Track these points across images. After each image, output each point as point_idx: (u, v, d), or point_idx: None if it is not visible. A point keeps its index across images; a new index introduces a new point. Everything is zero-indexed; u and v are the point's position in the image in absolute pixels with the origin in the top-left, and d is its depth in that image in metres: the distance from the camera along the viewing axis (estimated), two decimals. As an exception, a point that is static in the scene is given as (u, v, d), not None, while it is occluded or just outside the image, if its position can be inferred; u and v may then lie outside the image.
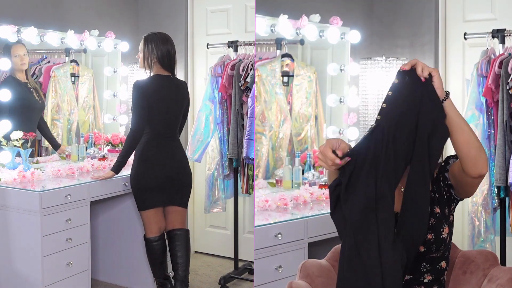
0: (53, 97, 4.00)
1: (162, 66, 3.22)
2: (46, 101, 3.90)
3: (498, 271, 2.03)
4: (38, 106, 3.78)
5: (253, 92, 3.38)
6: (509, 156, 3.14)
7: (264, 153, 3.34)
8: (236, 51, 4.02)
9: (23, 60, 3.65)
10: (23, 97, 3.63)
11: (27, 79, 3.71)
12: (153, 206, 3.26)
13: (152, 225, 3.29)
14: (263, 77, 3.33)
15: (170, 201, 3.29)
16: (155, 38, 3.22)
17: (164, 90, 3.22)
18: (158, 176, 3.21)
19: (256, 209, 2.89)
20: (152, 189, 3.22)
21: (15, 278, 3.06)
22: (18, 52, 3.63)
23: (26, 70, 3.70)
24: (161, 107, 3.21)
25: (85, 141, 4.05)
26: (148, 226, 3.30)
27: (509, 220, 3.25)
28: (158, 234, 3.31)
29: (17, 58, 3.62)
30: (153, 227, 3.30)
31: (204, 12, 4.61)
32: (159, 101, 3.20)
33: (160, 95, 3.20)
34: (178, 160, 3.29)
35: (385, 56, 3.74)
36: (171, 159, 3.25)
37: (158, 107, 3.20)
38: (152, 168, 3.21)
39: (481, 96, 3.26)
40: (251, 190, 3.72)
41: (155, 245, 3.32)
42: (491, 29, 3.38)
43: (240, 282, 4.02)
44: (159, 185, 3.22)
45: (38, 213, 2.96)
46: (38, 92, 3.78)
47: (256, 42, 3.39)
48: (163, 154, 3.23)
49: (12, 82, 3.60)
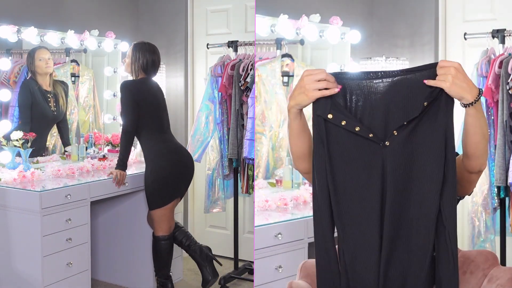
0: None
1: (145, 73, 3.45)
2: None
3: (498, 271, 2.03)
4: (51, 115, 3.81)
5: (253, 92, 3.38)
6: (509, 156, 3.14)
7: (264, 153, 3.34)
8: (236, 51, 4.02)
9: (48, 63, 3.69)
10: (36, 102, 3.66)
11: (49, 84, 3.74)
12: (172, 199, 3.41)
13: (164, 223, 3.41)
14: (263, 77, 3.33)
15: (183, 192, 3.52)
16: (143, 48, 3.45)
17: (152, 90, 3.47)
18: (174, 169, 3.40)
19: (256, 209, 2.89)
20: (172, 182, 3.39)
21: (15, 278, 3.06)
22: (43, 56, 3.67)
23: (51, 74, 3.77)
24: (154, 104, 3.42)
25: (85, 141, 4.05)
26: (160, 225, 3.41)
27: (509, 220, 3.25)
28: (168, 233, 3.44)
29: (42, 62, 3.64)
30: (164, 226, 3.42)
31: (204, 12, 4.61)
32: (152, 99, 3.43)
33: (150, 93, 3.42)
34: (186, 150, 3.55)
35: (385, 56, 3.74)
36: (180, 150, 3.48)
37: (152, 104, 3.40)
38: (168, 161, 3.40)
39: (481, 96, 3.25)
40: (251, 190, 3.72)
41: (163, 244, 3.42)
42: (491, 29, 3.39)
43: (240, 282, 4.02)
44: (177, 177, 3.42)
45: (38, 213, 2.96)
46: (57, 101, 3.79)
47: (256, 42, 3.39)
48: (172, 148, 3.45)
49: (29, 86, 3.64)
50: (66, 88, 3.98)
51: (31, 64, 3.67)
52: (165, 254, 3.44)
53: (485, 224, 3.31)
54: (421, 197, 1.59)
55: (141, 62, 3.41)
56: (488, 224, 3.31)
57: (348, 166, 1.63)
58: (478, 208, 3.31)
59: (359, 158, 1.62)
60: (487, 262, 2.08)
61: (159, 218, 3.40)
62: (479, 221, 3.32)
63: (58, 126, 3.97)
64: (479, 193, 3.30)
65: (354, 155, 1.62)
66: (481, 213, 3.31)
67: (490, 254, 2.11)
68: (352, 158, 1.62)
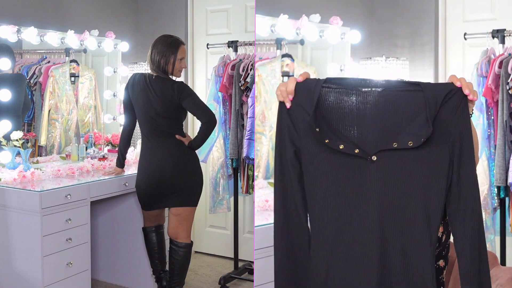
0: (51, 97, 3.99)
1: (151, 68, 3.19)
2: (43, 101, 3.90)
3: (497, 271, 2.03)
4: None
5: (253, 92, 3.38)
6: (509, 156, 3.14)
7: (264, 153, 3.34)
8: (236, 51, 4.02)
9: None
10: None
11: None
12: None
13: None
14: (263, 77, 3.33)
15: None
16: (156, 41, 3.21)
17: (139, 88, 3.16)
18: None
19: (256, 209, 2.89)
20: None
21: (15, 278, 3.06)
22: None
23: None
24: (138, 104, 3.19)
25: (85, 141, 4.05)
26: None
27: (509, 220, 3.25)
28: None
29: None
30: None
31: (204, 12, 4.62)
32: (137, 98, 3.18)
33: (135, 93, 3.18)
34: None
35: (385, 56, 3.74)
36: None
37: (136, 104, 3.20)
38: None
39: (481, 96, 3.26)
40: (251, 190, 3.73)
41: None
42: (491, 29, 3.39)
43: (240, 282, 4.02)
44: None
45: (38, 213, 2.96)
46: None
47: (256, 42, 3.39)
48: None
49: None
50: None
51: None
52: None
53: (485, 224, 3.31)
54: (410, 215, 1.53)
55: (149, 57, 3.21)
56: (488, 224, 3.31)
57: (327, 180, 1.58)
58: (478, 208, 3.31)
59: (344, 173, 1.56)
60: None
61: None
62: (479, 221, 3.32)
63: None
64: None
65: (339, 171, 1.56)
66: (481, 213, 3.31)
67: (490, 254, 2.11)
68: (337, 174, 1.56)
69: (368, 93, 1.55)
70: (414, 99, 1.52)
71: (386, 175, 1.53)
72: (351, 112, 1.56)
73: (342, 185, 1.56)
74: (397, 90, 1.53)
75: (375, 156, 1.53)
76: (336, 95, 1.57)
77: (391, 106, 1.53)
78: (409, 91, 1.53)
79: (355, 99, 1.56)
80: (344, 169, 1.56)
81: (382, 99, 1.54)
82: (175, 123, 3.19)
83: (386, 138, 1.53)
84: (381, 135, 1.54)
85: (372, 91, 1.55)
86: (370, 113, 1.55)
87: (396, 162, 1.52)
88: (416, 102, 1.52)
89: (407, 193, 1.52)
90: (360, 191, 1.55)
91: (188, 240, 3.29)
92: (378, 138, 1.54)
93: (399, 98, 1.53)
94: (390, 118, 1.53)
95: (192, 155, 3.25)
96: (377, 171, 1.53)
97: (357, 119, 1.56)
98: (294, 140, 1.60)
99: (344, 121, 1.57)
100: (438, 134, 1.51)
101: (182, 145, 3.19)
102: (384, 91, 1.54)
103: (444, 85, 1.53)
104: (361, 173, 1.54)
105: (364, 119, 1.55)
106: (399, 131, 1.52)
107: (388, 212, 1.53)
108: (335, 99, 1.57)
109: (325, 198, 1.58)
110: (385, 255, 1.54)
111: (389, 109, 1.53)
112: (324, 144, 1.55)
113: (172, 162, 3.16)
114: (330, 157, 1.56)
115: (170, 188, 3.19)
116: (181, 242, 3.27)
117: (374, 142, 1.54)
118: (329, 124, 1.57)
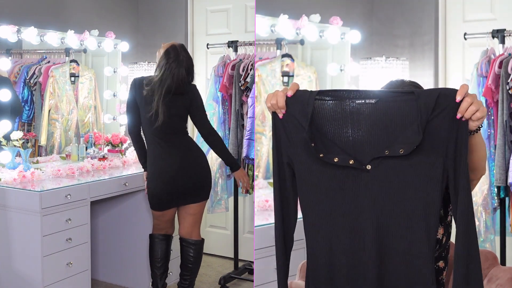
0: (51, 97, 3.99)
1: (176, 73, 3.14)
2: (43, 101, 3.90)
3: (498, 271, 2.03)
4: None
5: (253, 92, 3.38)
6: (509, 156, 3.14)
7: (264, 153, 3.34)
8: (236, 51, 4.02)
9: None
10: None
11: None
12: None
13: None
14: (263, 77, 3.33)
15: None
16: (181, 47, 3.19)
17: (143, 89, 3.11)
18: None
19: (256, 209, 2.89)
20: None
21: (15, 278, 3.06)
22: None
23: None
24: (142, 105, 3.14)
25: (85, 141, 4.05)
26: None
27: (509, 220, 3.25)
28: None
29: None
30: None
31: (204, 12, 4.61)
32: (141, 99, 3.12)
33: (141, 93, 3.11)
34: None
35: (385, 56, 3.74)
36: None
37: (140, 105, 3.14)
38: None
39: (481, 96, 3.26)
40: (251, 190, 3.73)
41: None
42: (491, 29, 3.39)
43: (240, 282, 4.02)
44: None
45: (38, 213, 2.96)
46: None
47: (256, 42, 3.39)
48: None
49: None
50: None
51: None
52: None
53: (485, 224, 3.31)
54: (407, 220, 1.52)
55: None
56: (488, 224, 3.31)
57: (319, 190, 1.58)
58: (478, 208, 3.31)
59: (338, 184, 1.56)
60: (487, 262, 2.08)
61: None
62: (479, 221, 3.32)
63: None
64: (479, 193, 3.30)
65: (333, 181, 1.56)
66: (481, 213, 3.31)
67: (490, 254, 2.11)
68: (331, 184, 1.57)
69: (362, 105, 1.54)
70: (408, 108, 1.51)
71: (381, 183, 1.52)
72: (345, 124, 1.56)
73: (336, 195, 1.56)
74: (391, 101, 1.52)
75: (369, 165, 1.53)
76: (330, 107, 1.57)
77: (385, 117, 1.53)
78: (403, 101, 1.51)
79: (349, 110, 1.55)
80: (338, 179, 1.56)
81: (376, 110, 1.53)
82: (185, 122, 3.24)
83: (380, 147, 1.53)
84: (376, 145, 1.53)
85: (366, 103, 1.54)
86: (365, 124, 1.54)
87: (390, 169, 1.52)
88: (410, 110, 1.50)
89: (403, 199, 1.52)
90: (355, 200, 1.55)
91: (200, 237, 3.36)
92: (372, 148, 1.53)
93: (393, 109, 1.52)
94: (384, 128, 1.53)
95: (202, 151, 3.28)
96: (372, 180, 1.53)
97: (352, 130, 1.56)
98: (287, 149, 1.61)
99: (339, 132, 1.56)
100: (431, 140, 1.50)
101: (193, 141, 3.26)
102: (378, 102, 1.53)
103: (436, 90, 1.51)
104: (356, 182, 1.54)
105: (359, 130, 1.55)
106: (393, 140, 1.52)
107: (384, 219, 1.53)
108: (329, 112, 1.57)
109: (319, 209, 1.58)
110: (384, 260, 1.55)
111: (383, 120, 1.53)
112: (319, 157, 1.56)
113: (192, 160, 3.16)
114: (324, 167, 1.56)
115: (192, 186, 3.17)
116: (196, 240, 3.32)
117: (369, 152, 1.54)
118: (324, 137, 1.57)
